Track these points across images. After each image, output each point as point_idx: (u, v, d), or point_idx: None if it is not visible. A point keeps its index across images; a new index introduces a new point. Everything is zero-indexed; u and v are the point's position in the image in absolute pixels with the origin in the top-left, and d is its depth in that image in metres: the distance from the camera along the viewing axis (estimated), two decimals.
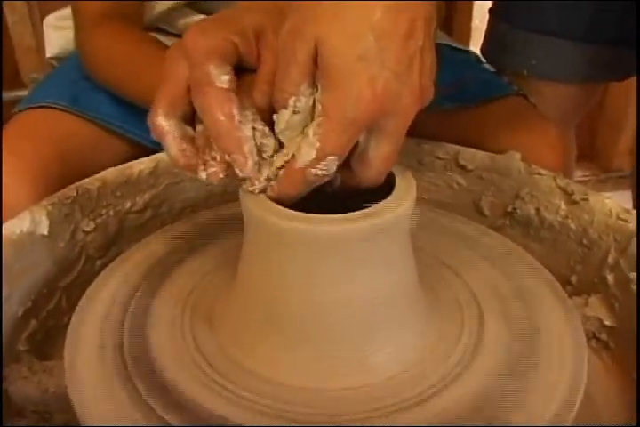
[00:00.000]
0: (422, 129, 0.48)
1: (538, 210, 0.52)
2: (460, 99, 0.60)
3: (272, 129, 0.36)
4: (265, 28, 0.38)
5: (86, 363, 0.38)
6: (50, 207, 0.49)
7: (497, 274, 0.45)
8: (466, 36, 1.12)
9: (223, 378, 0.37)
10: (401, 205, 0.35)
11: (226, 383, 0.37)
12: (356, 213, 0.34)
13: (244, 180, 0.35)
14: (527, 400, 0.36)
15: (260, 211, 0.35)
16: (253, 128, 0.35)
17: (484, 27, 0.88)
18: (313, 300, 0.36)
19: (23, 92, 1.21)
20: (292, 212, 0.34)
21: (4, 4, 1.13)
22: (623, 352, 0.47)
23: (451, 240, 0.48)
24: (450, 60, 0.46)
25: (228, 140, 0.34)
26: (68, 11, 0.77)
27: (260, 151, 0.36)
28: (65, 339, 0.41)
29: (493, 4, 0.84)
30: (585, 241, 0.49)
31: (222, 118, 0.34)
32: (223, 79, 0.35)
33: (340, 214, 0.34)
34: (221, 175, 0.35)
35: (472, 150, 0.55)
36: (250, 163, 0.34)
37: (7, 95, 1.23)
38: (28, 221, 0.47)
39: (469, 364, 0.38)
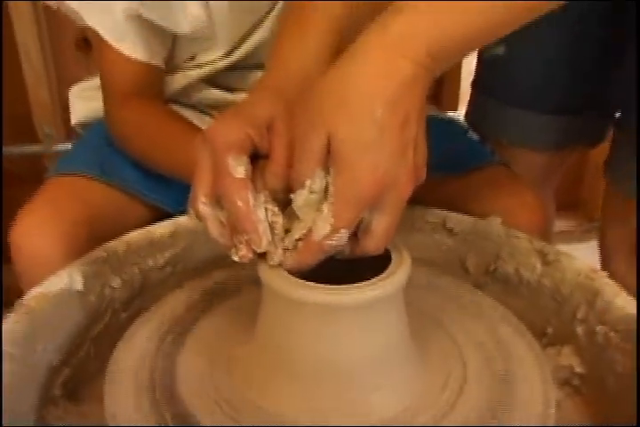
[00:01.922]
0: (413, 195, 0.55)
1: (517, 269, 0.59)
2: (447, 168, 0.68)
3: (281, 207, 0.44)
4: (275, 118, 0.46)
5: (124, 409, 0.45)
6: (83, 266, 0.56)
7: (479, 328, 0.52)
8: (454, 101, 1.22)
9: (235, 411, 0.44)
10: (397, 278, 0.42)
11: (235, 415, 0.44)
12: (358, 284, 0.41)
13: (262, 255, 0.43)
14: None
15: (275, 281, 0.42)
16: (265, 209, 0.43)
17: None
18: (318, 354, 0.43)
19: (38, 147, 1.30)
20: (303, 282, 0.42)
21: (24, 65, 1.22)
22: (593, 396, 0.53)
23: (437, 296, 0.55)
24: (437, 131, 0.53)
25: (245, 222, 0.42)
26: (91, 82, 0.85)
27: (271, 228, 0.43)
28: (95, 384, 0.48)
29: (475, 77, 0.93)
30: (558, 297, 0.56)
31: (240, 204, 0.42)
32: (239, 170, 0.43)
33: (344, 285, 0.41)
34: (250, 256, 0.43)
35: (458, 216, 0.62)
36: (264, 241, 0.42)
37: (22, 149, 1.31)
38: (65, 279, 0.54)
39: (453, 408, 0.44)
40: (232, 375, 0.46)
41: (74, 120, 0.88)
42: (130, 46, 0.74)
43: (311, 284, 0.42)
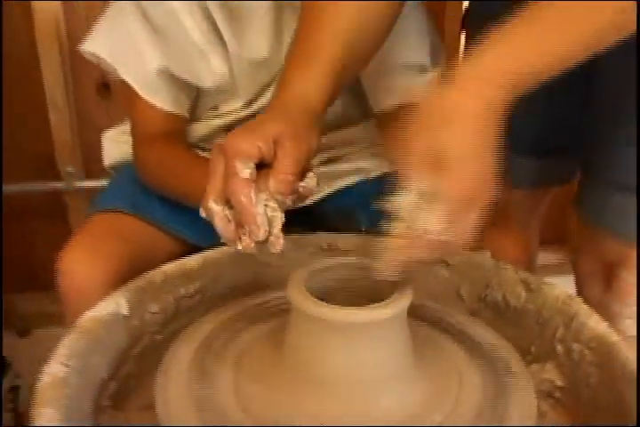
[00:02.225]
0: None
1: (504, 296, 0.68)
2: None
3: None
4: (280, 135, 0.55)
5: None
6: (127, 294, 0.64)
7: (472, 348, 0.61)
8: None
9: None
10: (401, 302, 0.51)
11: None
12: (369, 306, 0.50)
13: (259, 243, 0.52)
14: None
15: (304, 303, 0.51)
16: (265, 206, 0.52)
17: None
18: (339, 365, 0.51)
19: (60, 184, 1.40)
20: (326, 303, 0.50)
21: (49, 107, 1.32)
22: (573, 407, 0.62)
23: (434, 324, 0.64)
24: None
25: (247, 215, 0.51)
26: (122, 128, 0.95)
27: (270, 221, 0.52)
28: (136, 397, 0.56)
29: None
30: (540, 320, 0.65)
31: (243, 199, 0.51)
32: (245, 172, 0.52)
33: (358, 307, 0.50)
34: (252, 245, 0.52)
35: None
36: (262, 232, 0.51)
37: (45, 186, 1.40)
38: (113, 305, 0.63)
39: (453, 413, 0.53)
40: (266, 388, 0.55)
41: (107, 162, 0.97)
42: (160, 99, 0.85)
43: (332, 305, 0.50)
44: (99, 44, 0.86)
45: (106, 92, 1.38)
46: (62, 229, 1.42)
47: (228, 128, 0.90)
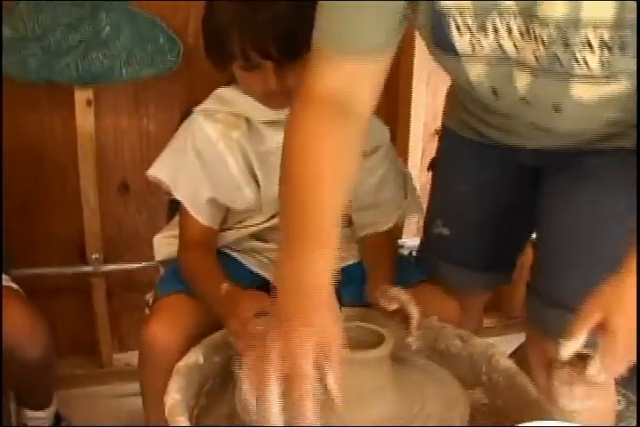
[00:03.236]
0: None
1: (447, 346, 1.05)
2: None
3: None
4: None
5: None
6: (202, 350, 0.98)
7: (431, 377, 0.97)
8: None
9: None
10: (385, 347, 0.87)
11: None
12: (366, 350, 0.87)
13: None
14: None
15: None
16: None
17: None
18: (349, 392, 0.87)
19: (87, 268, 1.72)
20: None
21: (84, 205, 1.66)
22: (493, 413, 0.98)
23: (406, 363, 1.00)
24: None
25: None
26: (170, 232, 1.29)
27: None
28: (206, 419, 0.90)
29: (421, 239, 1.35)
30: (471, 360, 1.02)
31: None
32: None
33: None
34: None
35: None
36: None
37: (72, 270, 1.72)
38: (194, 357, 0.97)
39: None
40: None
41: (158, 258, 1.31)
42: (202, 217, 1.20)
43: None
44: (162, 171, 1.21)
45: (125, 192, 1.74)
46: (86, 304, 1.75)
47: (251, 236, 1.27)
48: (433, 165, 1.31)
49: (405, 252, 1.55)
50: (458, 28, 0.84)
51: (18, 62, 1.51)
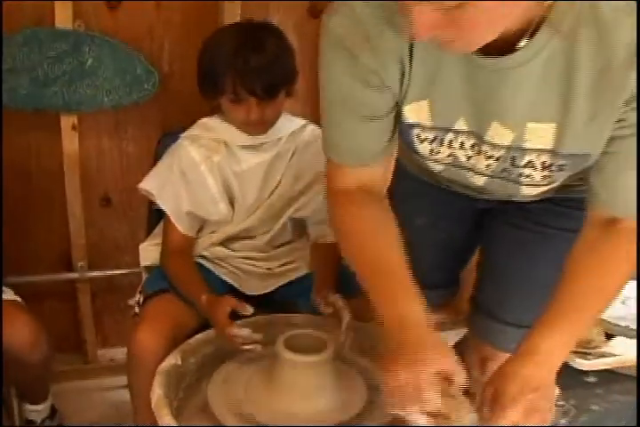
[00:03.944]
0: None
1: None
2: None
3: None
4: None
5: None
6: (180, 353, 1.21)
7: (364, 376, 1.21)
8: None
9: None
10: (328, 353, 1.11)
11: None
12: (310, 355, 1.10)
13: None
14: None
15: (283, 352, 1.10)
16: None
17: None
18: (296, 386, 1.10)
19: (73, 275, 1.93)
20: (292, 352, 1.10)
21: (70, 218, 1.86)
22: None
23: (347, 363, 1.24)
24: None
25: None
26: (155, 240, 1.52)
27: None
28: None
29: None
30: None
31: None
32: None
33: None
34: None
35: None
36: None
37: (60, 276, 1.93)
38: (174, 359, 1.20)
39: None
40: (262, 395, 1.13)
41: (143, 263, 1.54)
42: (182, 227, 1.44)
43: (294, 353, 1.09)
44: (150, 185, 1.45)
45: (107, 206, 1.94)
46: (73, 307, 1.96)
47: (221, 244, 1.50)
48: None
49: None
50: (419, 137, 1.00)
51: (8, 91, 1.71)
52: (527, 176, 0.99)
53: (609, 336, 1.52)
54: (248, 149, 1.46)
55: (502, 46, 0.84)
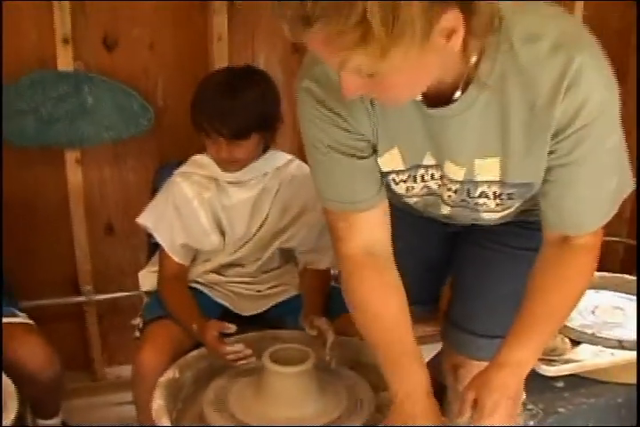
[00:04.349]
0: None
1: (366, 359, 1.43)
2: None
3: None
4: None
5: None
6: (178, 368, 1.36)
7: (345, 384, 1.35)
8: None
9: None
10: (308, 364, 1.26)
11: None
12: (294, 366, 1.25)
13: None
14: None
15: (269, 365, 1.24)
16: None
17: None
18: (287, 393, 1.25)
19: (80, 298, 2.08)
20: (277, 365, 1.24)
21: (76, 250, 2.01)
22: None
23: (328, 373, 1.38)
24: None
25: None
26: (153, 268, 1.67)
27: None
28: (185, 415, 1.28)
29: None
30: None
31: None
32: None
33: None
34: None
35: None
36: None
37: (68, 300, 2.08)
38: (172, 373, 1.34)
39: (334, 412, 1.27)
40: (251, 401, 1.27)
41: (143, 288, 1.69)
42: (177, 257, 1.58)
43: (279, 365, 1.24)
44: (147, 220, 1.60)
45: (111, 233, 2.10)
46: (80, 328, 2.11)
47: (213, 271, 1.65)
48: None
49: None
50: (394, 180, 1.12)
51: (16, 130, 1.87)
52: (483, 204, 1.12)
53: (576, 343, 1.66)
54: (235, 184, 1.59)
55: (441, 98, 0.98)
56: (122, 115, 1.94)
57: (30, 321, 1.56)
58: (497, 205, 1.12)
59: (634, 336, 1.66)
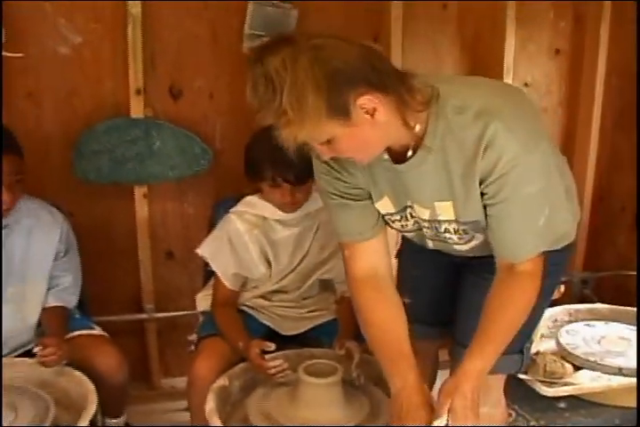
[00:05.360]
0: None
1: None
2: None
3: None
4: None
5: None
6: (228, 377, 1.65)
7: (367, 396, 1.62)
8: None
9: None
10: (337, 377, 1.53)
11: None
12: (324, 378, 1.53)
13: None
14: None
15: (304, 377, 1.52)
16: None
17: None
18: (316, 401, 1.53)
19: (142, 315, 2.40)
20: (311, 377, 1.52)
21: (141, 270, 2.33)
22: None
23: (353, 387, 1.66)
24: None
25: None
26: (208, 291, 1.97)
27: None
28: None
29: None
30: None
31: None
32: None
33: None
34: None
35: None
36: None
37: (131, 317, 2.39)
38: (223, 381, 1.63)
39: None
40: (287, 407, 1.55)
41: (199, 309, 2.00)
42: (229, 283, 1.88)
43: (312, 377, 1.51)
44: (206, 251, 1.89)
45: (171, 259, 2.41)
46: (141, 342, 2.42)
47: (261, 296, 1.94)
48: (398, 254, 1.85)
49: None
50: (390, 220, 1.44)
51: (93, 169, 2.20)
52: (449, 238, 1.41)
53: (577, 368, 1.89)
54: (281, 222, 1.88)
55: (403, 156, 1.30)
56: (184, 156, 2.26)
57: (105, 333, 1.87)
58: (459, 238, 1.40)
59: (634, 364, 1.88)
